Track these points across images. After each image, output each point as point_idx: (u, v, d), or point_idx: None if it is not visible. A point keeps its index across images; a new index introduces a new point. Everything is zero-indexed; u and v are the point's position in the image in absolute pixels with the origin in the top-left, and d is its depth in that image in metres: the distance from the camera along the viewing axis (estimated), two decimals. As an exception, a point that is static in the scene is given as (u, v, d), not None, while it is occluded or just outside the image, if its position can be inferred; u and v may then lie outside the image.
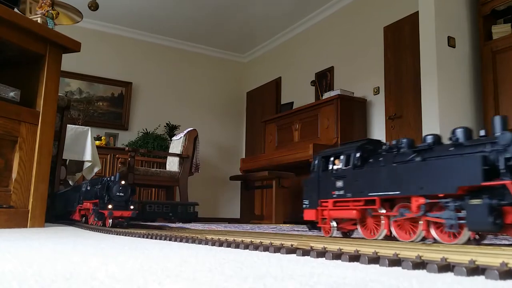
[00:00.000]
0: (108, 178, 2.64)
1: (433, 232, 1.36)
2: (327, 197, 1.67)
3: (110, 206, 2.56)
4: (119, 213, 2.57)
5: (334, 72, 7.29)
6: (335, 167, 1.66)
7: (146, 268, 0.91)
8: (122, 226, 2.65)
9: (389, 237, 1.50)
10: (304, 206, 1.78)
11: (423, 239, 1.40)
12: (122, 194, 2.66)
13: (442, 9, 4.78)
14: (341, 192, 1.59)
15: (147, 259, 1.11)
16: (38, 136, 2.87)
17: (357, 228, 1.64)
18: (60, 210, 4.10)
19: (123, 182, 2.64)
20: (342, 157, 1.64)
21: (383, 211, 1.47)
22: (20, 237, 1.93)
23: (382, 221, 1.48)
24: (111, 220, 2.57)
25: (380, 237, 1.50)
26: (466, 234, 1.26)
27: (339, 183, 1.61)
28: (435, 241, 1.36)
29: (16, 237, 1.92)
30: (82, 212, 3.12)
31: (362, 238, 1.55)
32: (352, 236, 1.76)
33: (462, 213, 1.24)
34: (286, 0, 7.42)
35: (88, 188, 2.90)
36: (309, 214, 1.76)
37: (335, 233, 1.69)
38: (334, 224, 1.66)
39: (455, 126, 4.65)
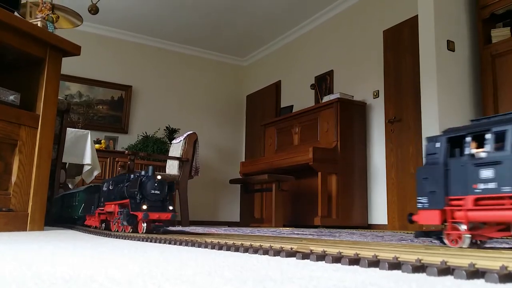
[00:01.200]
0: (140, 173, 2.29)
1: None
2: (464, 192, 1.27)
3: (144, 207, 2.15)
4: (156, 215, 2.16)
5: (333, 75, 7.30)
6: (473, 151, 1.26)
7: (146, 271, 0.91)
8: (158, 231, 2.24)
9: None
10: (419, 205, 1.37)
11: None
12: (158, 192, 2.23)
13: (442, 12, 4.80)
14: (491, 186, 1.20)
15: (146, 262, 1.10)
16: (37, 139, 2.87)
17: (503, 236, 1.33)
18: (66, 214, 3.81)
19: (159, 177, 2.24)
20: (488, 136, 1.22)
21: None
22: (19, 240, 1.93)
23: None
24: (145, 224, 2.16)
25: None
26: None
27: (487, 173, 1.22)
28: None
29: (16, 240, 1.92)
30: (103, 216, 2.72)
31: (363, 241, 1.54)
32: (486, 246, 1.39)
33: None
34: (286, 4, 7.43)
35: (111, 187, 2.55)
36: (428, 217, 1.34)
37: (467, 242, 1.29)
38: (463, 228, 1.27)
39: (454, 129, 4.55)
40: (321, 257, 1.20)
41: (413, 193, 5.46)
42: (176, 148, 6.09)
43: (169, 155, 6.47)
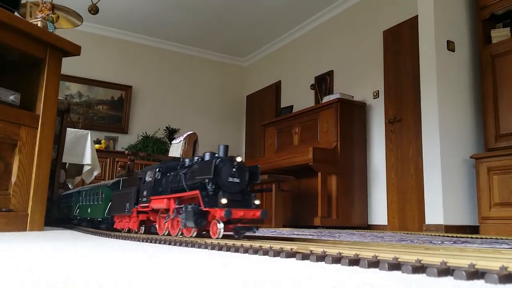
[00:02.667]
0: (212, 154, 1.77)
1: None
2: None
3: (224, 201, 1.57)
4: (239, 212, 1.56)
5: (333, 75, 7.30)
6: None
7: (148, 270, 0.91)
8: (240, 235, 1.65)
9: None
10: None
11: None
12: (238, 180, 1.67)
13: (442, 13, 4.80)
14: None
15: (149, 261, 1.10)
16: (37, 139, 2.86)
17: None
18: (80, 215, 3.38)
19: (238, 159, 1.67)
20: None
21: None
22: (19, 240, 1.93)
23: None
24: (221, 226, 1.55)
25: None
26: None
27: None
28: None
29: (16, 240, 1.92)
30: (143, 216, 2.25)
31: (363, 242, 1.54)
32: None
33: None
34: (286, 5, 7.44)
35: (157, 176, 2.11)
36: None
37: None
38: None
39: (455, 129, 4.68)
40: (321, 257, 1.20)
41: (413, 193, 5.46)
42: (176, 148, 6.09)
43: (169, 155, 6.46)
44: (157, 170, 2.17)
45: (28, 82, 3.02)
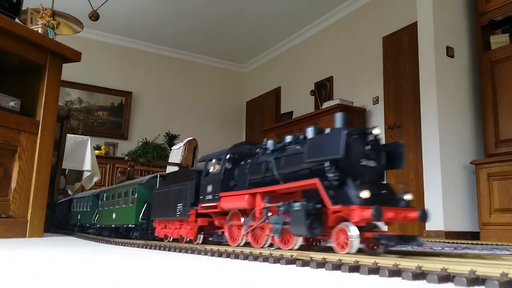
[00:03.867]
0: (318, 129, 1.36)
1: None
2: None
3: (365, 195, 1.11)
4: (389, 213, 1.13)
5: (333, 81, 7.31)
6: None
7: (150, 273, 0.91)
8: (388, 248, 1.16)
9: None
10: None
11: None
12: (374, 164, 1.21)
13: (441, 19, 4.81)
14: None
15: (150, 265, 1.10)
16: (37, 145, 2.87)
17: None
18: (99, 221, 3.02)
19: (376, 131, 1.24)
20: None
21: None
22: (19, 246, 1.92)
23: None
24: (355, 234, 1.13)
25: None
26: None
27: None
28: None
29: (15, 247, 1.92)
30: (203, 221, 1.85)
31: (363, 248, 1.53)
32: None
33: None
34: (286, 11, 7.46)
35: (227, 165, 1.74)
36: None
37: None
38: None
39: (454, 135, 4.65)
40: (321, 264, 1.19)
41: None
42: (176, 154, 6.09)
43: (169, 161, 6.46)
44: (228, 157, 1.71)
45: (28, 88, 3.02)
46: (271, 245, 1.47)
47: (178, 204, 1.99)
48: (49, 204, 3.61)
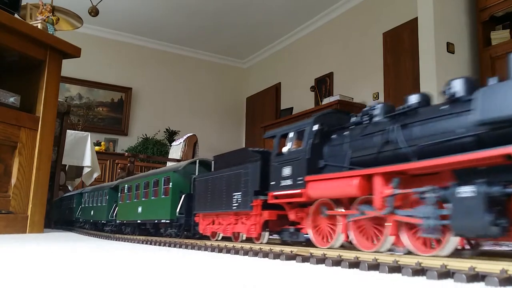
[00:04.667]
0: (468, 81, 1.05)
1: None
2: None
3: None
4: None
5: (333, 77, 7.30)
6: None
7: (150, 267, 0.91)
8: None
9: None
10: None
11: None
12: None
13: (441, 15, 4.80)
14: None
15: (150, 261, 1.10)
16: (37, 141, 2.86)
17: None
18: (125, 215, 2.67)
19: None
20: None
21: None
22: (19, 242, 1.92)
23: None
24: None
25: None
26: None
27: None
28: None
29: (15, 242, 1.92)
30: (271, 214, 1.52)
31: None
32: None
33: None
34: (286, 7, 7.44)
35: (316, 139, 1.37)
36: None
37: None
38: None
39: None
40: (321, 260, 1.19)
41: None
42: (176, 150, 6.09)
43: (169, 157, 6.46)
44: (315, 129, 1.36)
45: (28, 84, 3.02)
46: (392, 250, 1.13)
47: (235, 194, 1.64)
48: (49, 200, 3.61)
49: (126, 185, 2.70)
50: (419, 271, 0.94)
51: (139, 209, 2.45)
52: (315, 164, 1.37)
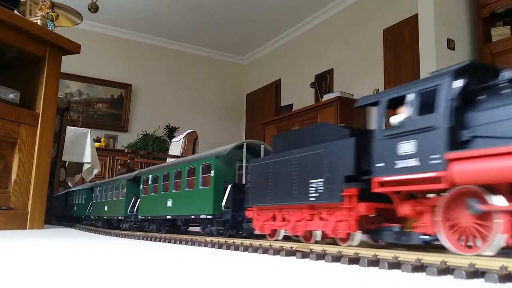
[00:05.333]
0: None
1: None
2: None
3: None
4: None
5: (333, 74, 7.29)
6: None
7: (151, 263, 0.91)
8: None
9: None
10: None
11: None
12: None
13: (442, 11, 4.79)
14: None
15: (150, 257, 1.10)
16: (37, 137, 2.86)
17: None
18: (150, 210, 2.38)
19: None
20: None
21: None
22: (19, 238, 1.93)
23: None
24: None
25: None
26: None
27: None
28: None
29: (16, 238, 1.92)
30: (369, 208, 1.20)
31: (362, 241, 1.52)
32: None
33: None
34: (286, 3, 7.42)
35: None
36: None
37: None
38: None
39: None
40: (321, 256, 1.19)
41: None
42: (176, 146, 6.09)
43: (169, 153, 6.47)
44: (456, 85, 1.04)
45: (28, 80, 3.01)
46: None
47: (313, 181, 1.32)
48: (49, 196, 3.60)
49: (150, 176, 2.41)
50: (419, 267, 0.94)
51: (169, 203, 2.15)
52: (457, 137, 1.00)
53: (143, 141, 7.93)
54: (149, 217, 2.39)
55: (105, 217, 3.10)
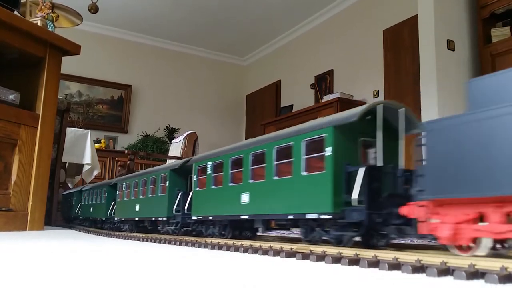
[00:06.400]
0: None
1: None
2: None
3: None
4: None
5: (333, 75, 7.29)
6: None
7: (152, 264, 0.91)
8: None
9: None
10: None
11: None
12: None
13: (442, 12, 4.79)
14: None
15: (151, 258, 1.10)
16: (37, 139, 2.86)
17: None
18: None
19: None
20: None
21: None
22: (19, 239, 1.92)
23: None
24: None
25: None
26: None
27: None
28: None
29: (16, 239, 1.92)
30: None
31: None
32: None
33: None
34: (286, 4, 7.43)
35: None
36: None
37: None
38: None
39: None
40: (321, 257, 1.19)
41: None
42: (176, 147, 6.09)
43: (169, 154, 6.47)
44: None
45: (28, 81, 3.01)
46: None
47: None
48: (48, 198, 3.60)
49: (209, 163, 1.94)
50: (419, 268, 0.94)
51: (244, 198, 1.63)
52: None
53: (143, 142, 7.94)
54: (210, 218, 1.86)
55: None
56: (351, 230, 1.25)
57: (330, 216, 1.26)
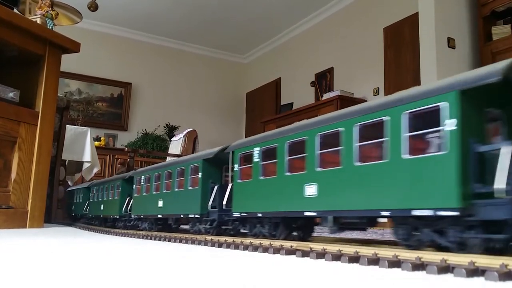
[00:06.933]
0: None
1: None
2: None
3: None
4: None
5: (334, 72, 7.29)
6: None
7: (154, 262, 0.91)
8: None
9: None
10: None
11: None
12: None
13: (442, 10, 4.78)
14: None
15: (152, 256, 1.10)
16: (37, 136, 2.86)
17: None
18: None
19: None
20: None
21: None
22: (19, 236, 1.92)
23: None
24: None
25: None
26: None
27: None
28: None
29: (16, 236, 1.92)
30: None
31: (363, 239, 1.52)
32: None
33: None
34: (286, 1, 7.41)
35: None
36: None
37: None
38: None
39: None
40: (321, 255, 1.19)
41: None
42: (176, 145, 6.09)
43: (168, 152, 6.46)
44: None
45: (28, 79, 3.01)
46: None
47: None
48: (48, 195, 3.59)
49: (257, 148, 1.66)
50: (419, 266, 0.94)
51: (310, 190, 1.35)
52: None
53: (142, 140, 7.94)
54: (259, 215, 1.59)
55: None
56: (480, 231, 0.94)
57: (456, 213, 0.94)
